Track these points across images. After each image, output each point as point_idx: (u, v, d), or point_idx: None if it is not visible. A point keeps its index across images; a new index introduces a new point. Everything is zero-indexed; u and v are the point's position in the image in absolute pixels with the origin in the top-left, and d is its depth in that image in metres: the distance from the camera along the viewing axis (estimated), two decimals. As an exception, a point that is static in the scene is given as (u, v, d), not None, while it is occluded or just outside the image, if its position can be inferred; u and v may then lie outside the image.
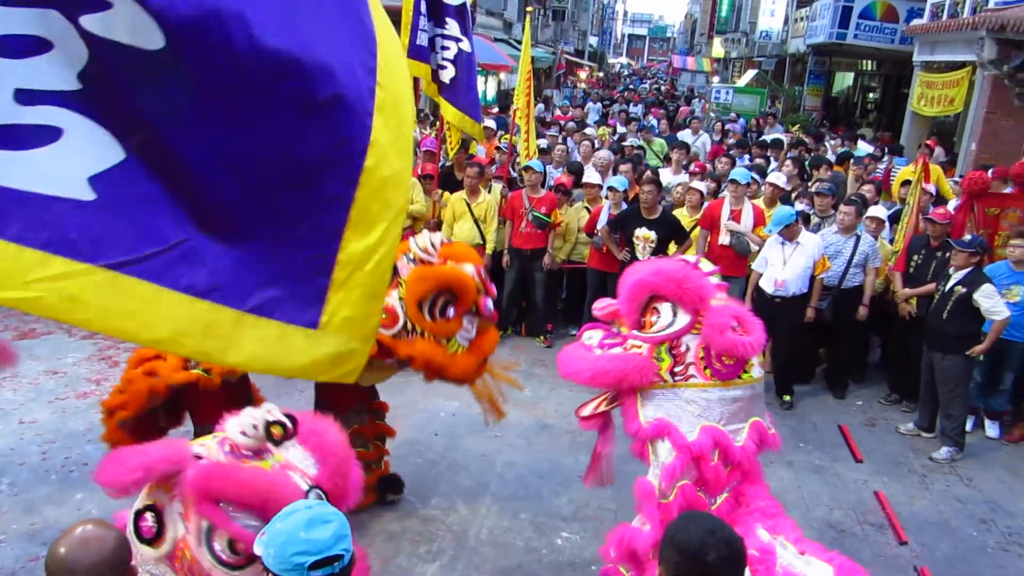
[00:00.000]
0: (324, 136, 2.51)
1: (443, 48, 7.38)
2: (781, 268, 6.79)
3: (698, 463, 3.27)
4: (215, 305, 2.49)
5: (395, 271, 4.17)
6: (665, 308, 3.51)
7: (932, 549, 5.10)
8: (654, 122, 16.13)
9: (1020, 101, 11.97)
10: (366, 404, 5.00)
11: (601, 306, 3.84)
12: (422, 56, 7.31)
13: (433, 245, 4.34)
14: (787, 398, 7.10)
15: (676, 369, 3.45)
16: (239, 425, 2.59)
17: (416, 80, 7.73)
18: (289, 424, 2.66)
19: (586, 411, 3.79)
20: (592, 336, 3.77)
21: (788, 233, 6.75)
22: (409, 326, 4.25)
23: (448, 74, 7.49)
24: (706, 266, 3.76)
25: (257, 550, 2.09)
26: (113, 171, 2.38)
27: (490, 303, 4.40)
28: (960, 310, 6.10)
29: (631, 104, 22.68)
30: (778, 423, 6.71)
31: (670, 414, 3.39)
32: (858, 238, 7.12)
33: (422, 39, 7.23)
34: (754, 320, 3.49)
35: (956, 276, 6.22)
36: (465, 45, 7.50)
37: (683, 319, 3.46)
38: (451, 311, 4.22)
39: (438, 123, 9.28)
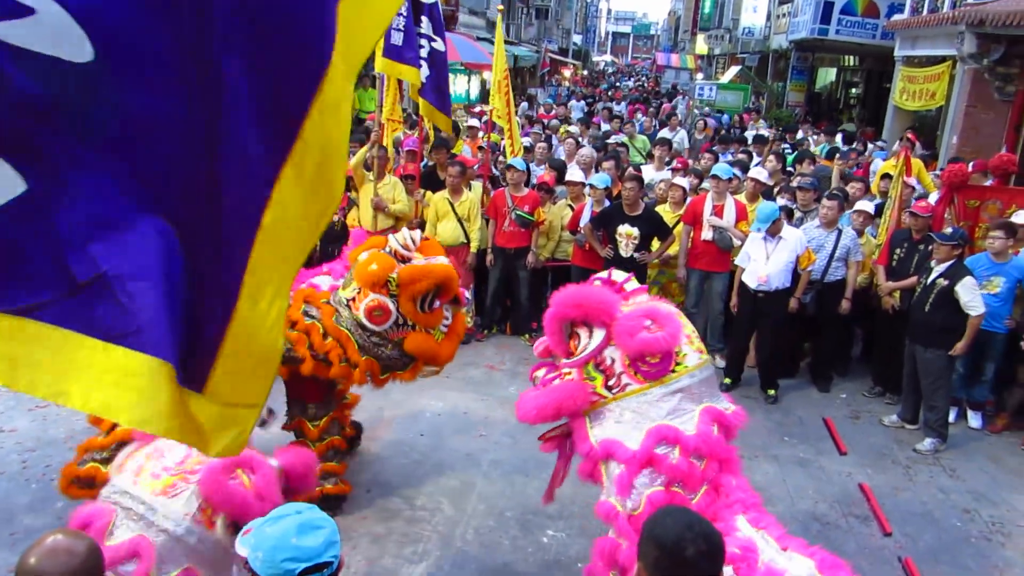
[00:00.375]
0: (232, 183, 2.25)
1: (419, 47, 7.41)
2: (764, 263, 6.82)
3: (655, 466, 3.25)
4: (130, 351, 2.11)
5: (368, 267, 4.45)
6: (583, 331, 3.59)
7: (916, 540, 5.13)
8: (642, 119, 16.16)
9: (1000, 95, 12.04)
10: (334, 393, 5.14)
11: (536, 344, 3.94)
12: (403, 57, 7.33)
13: (413, 240, 4.55)
14: (772, 392, 7.13)
15: (610, 383, 3.46)
16: None
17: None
18: None
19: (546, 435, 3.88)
20: (538, 375, 3.86)
21: (771, 228, 6.77)
22: (400, 320, 4.51)
23: (423, 72, 7.55)
24: (618, 276, 3.84)
25: (241, 550, 2.08)
26: (11, 205, 2.02)
27: (466, 292, 4.78)
28: (942, 303, 6.13)
29: (615, 102, 22.73)
30: (763, 417, 6.80)
31: (619, 431, 3.38)
32: (840, 232, 7.15)
33: (396, 38, 7.24)
34: (667, 314, 3.45)
35: (938, 269, 6.25)
36: (439, 44, 7.52)
37: (598, 335, 3.50)
38: (436, 303, 4.55)
39: (420, 123, 9.27)
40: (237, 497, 2.76)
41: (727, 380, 7.25)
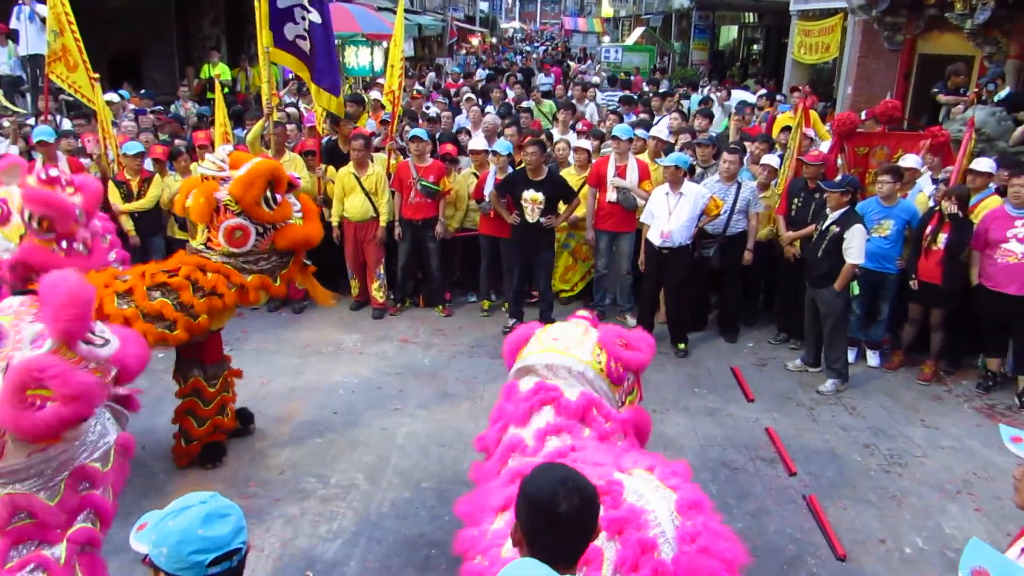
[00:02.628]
0: None
1: (301, 20, 7.25)
2: (667, 219, 6.91)
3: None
4: None
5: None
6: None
7: (819, 477, 5.33)
8: (544, 79, 16.10)
9: (889, 44, 12.45)
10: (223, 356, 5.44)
11: None
12: (291, 48, 7.43)
13: (223, 160, 4.76)
14: (682, 346, 7.28)
15: None
16: None
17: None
18: None
19: None
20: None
21: (672, 184, 6.86)
22: (260, 230, 4.77)
23: (307, 46, 7.44)
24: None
25: (139, 547, 1.99)
26: None
27: (294, 174, 5.05)
28: (835, 248, 6.34)
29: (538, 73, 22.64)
30: (673, 371, 6.94)
31: None
32: (739, 185, 7.30)
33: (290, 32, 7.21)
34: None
35: (832, 216, 6.45)
36: (315, 16, 7.33)
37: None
38: (277, 197, 4.77)
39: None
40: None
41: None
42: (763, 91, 13.68)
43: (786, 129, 8.76)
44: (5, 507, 2.84)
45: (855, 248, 6.22)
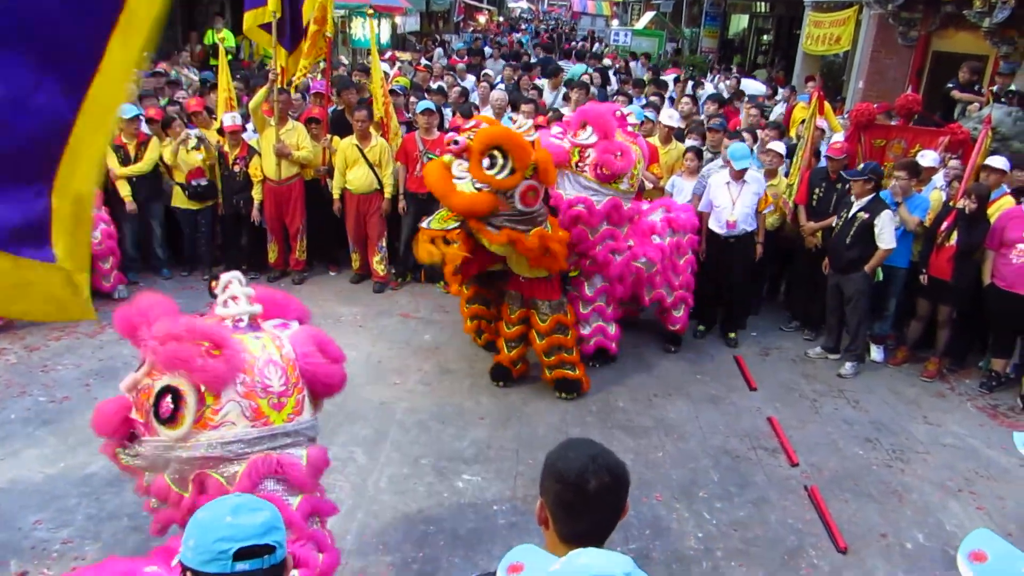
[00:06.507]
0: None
1: None
2: (731, 209, 6.79)
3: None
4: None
5: None
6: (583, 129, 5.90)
7: (821, 469, 5.29)
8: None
9: (903, 40, 12.33)
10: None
11: None
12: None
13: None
14: (732, 336, 7.20)
15: (577, 164, 5.86)
16: None
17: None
18: None
19: None
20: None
21: (735, 173, 6.73)
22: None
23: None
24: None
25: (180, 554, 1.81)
26: None
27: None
28: (862, 235, 6.36)
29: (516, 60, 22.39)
30: (677, 357, 6.88)
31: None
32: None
33: None
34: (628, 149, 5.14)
35: (858, 204, 6.45)
36: None
37: (593, 137, 5.86)
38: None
39: (326, 65, 8.90)
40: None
41: (701, 328, 7.32)
42: (765, 89, 13.58)
43: (803, 122, 8.66)
44: (317, 460, 2.94)
45: (887, 234, 6.26)
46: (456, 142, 5.07)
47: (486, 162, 4.95)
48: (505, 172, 4.97)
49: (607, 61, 17.95)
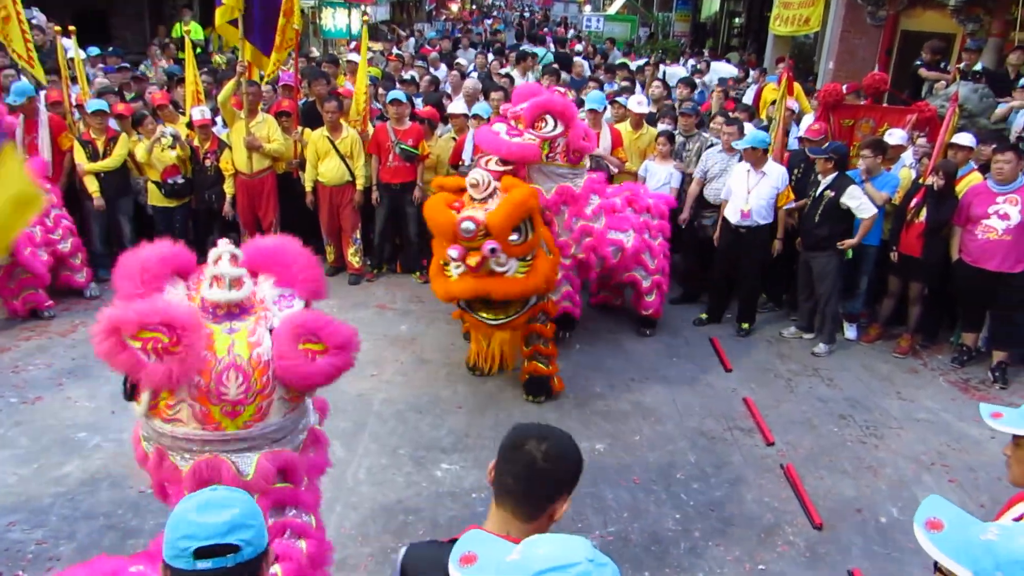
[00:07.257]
0: None
1: None
2: (745, 198, 6.77)
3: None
4: None
5: None
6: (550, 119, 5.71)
7: (796, 447, 5.34)
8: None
9: (872, 19, 12.39)
10: None
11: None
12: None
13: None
14: (745, 326, 7.17)
15: (548, 155, 5.84)
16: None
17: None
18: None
19: None
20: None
21: (755, 163, 6.70)
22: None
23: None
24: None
25: None
26: None
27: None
28: (830, 212, 6.42)
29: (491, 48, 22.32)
30: (652, 340, 6.91)
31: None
32: (740, 155, 7.19)
33: None
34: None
35: (824, 181, 6.52)
36: None
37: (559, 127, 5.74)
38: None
39: (294, 57, 8.80)
40: None
41: (703, 316, 7.32)
42: (737, 72, 13.63)
43: (774, 103, 8.70)
44: (271, 462, 2.87)
45: (864, 203, 6.31)
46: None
47: (514, 236, 5.01)
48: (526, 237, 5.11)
49: (578, 47, 17.94)
